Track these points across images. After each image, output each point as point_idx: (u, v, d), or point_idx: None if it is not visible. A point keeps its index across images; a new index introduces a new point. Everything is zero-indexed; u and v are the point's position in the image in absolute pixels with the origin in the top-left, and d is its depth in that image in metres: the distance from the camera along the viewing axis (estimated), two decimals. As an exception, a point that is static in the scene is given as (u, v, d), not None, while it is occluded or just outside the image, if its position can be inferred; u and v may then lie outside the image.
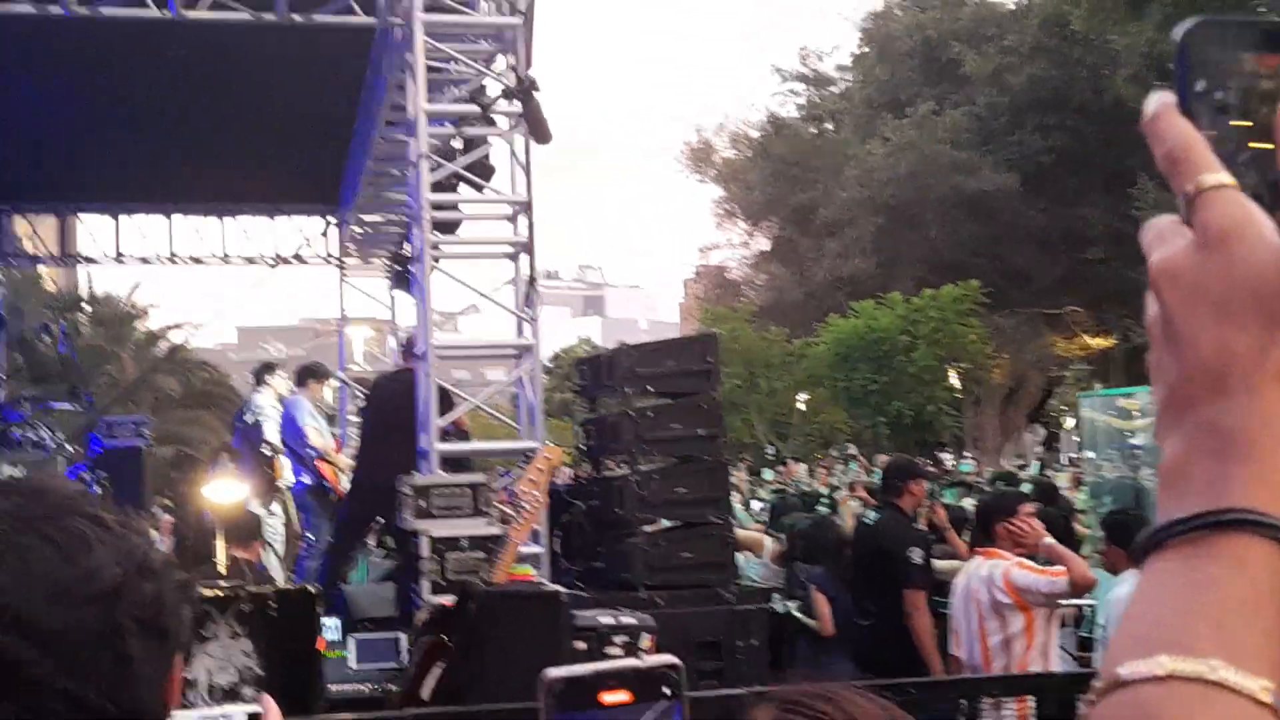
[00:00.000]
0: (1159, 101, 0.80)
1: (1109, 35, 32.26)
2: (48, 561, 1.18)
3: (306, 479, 11.34)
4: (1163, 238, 0.79)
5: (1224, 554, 0.73)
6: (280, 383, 12.23)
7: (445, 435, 8.89)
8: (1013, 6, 42.24)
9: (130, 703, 1.20)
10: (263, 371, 12.44)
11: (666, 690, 1.21)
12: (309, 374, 11.82)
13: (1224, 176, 0.76)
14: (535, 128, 7.10)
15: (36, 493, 1.25)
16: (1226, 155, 0.77)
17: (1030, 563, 6.35)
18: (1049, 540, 6.51)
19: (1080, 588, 6.28)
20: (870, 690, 1.42)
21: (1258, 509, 0.73)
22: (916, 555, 7.76)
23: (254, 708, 1.61)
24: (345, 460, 11.38)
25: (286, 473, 11.65)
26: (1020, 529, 6.42)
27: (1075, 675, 6.26)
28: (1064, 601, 6.67)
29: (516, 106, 9.07)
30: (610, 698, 1.18)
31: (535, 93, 6.83)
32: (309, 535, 11.32)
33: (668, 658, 1.24)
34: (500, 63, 9.41)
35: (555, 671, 1.18)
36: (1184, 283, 0.76)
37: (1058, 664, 6.76)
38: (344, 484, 11.08)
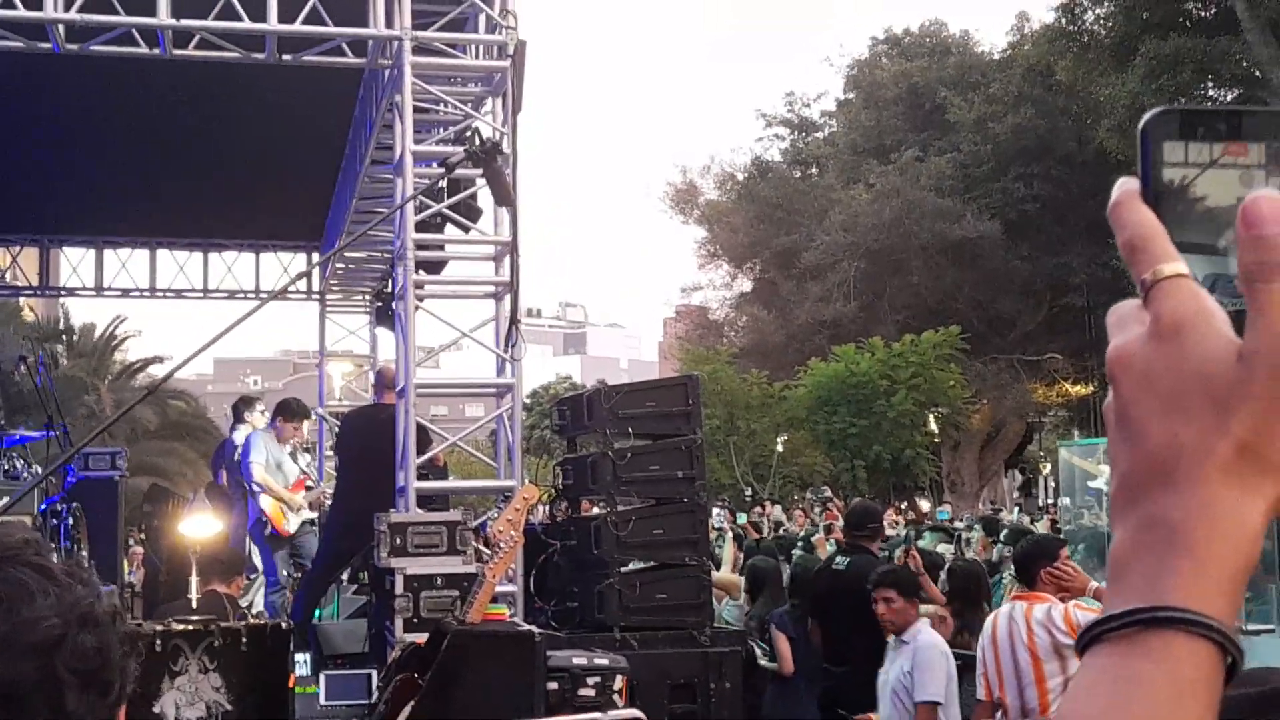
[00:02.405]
0: (1122, 189, 0.81)
1: (1093, 86, 32.61)
2: None
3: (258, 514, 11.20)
4: (1123, 324, 0.79)
5: (1154, 651, 0.73)
6: (259, 418, 12.16)
7: (423, 473, 8.88)
8: (998, 56, 42.66)
9: None
10: (240, 407, 12.38)
11: None
12: (279, 411, 11.59)
13: (1180, 266, 0.76)
14: (497, 191, 7.15)
15: None
16: (1189, 244, 0.77)
17: (1085, 603, 6.36)
18: (1096, 584, 6.55)
19: None
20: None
21: (1191, 607, 0.73)
22: None
23: None
24: (298, 499, 11.14)
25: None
26: (1065, 573, 6.46)
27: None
28: None
29: (504, 149, 9.13)
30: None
31: (500, 155, 6.86)
32: (268, 574, 11.13)
33: (633, 712, 1.24)
34: (489, 104, 9.48)
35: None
36: (1136, 372, 0.77)
37: None
38: (290, 523, 10.88)
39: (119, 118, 11.79)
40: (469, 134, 8.86)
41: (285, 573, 11.04)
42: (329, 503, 11.09)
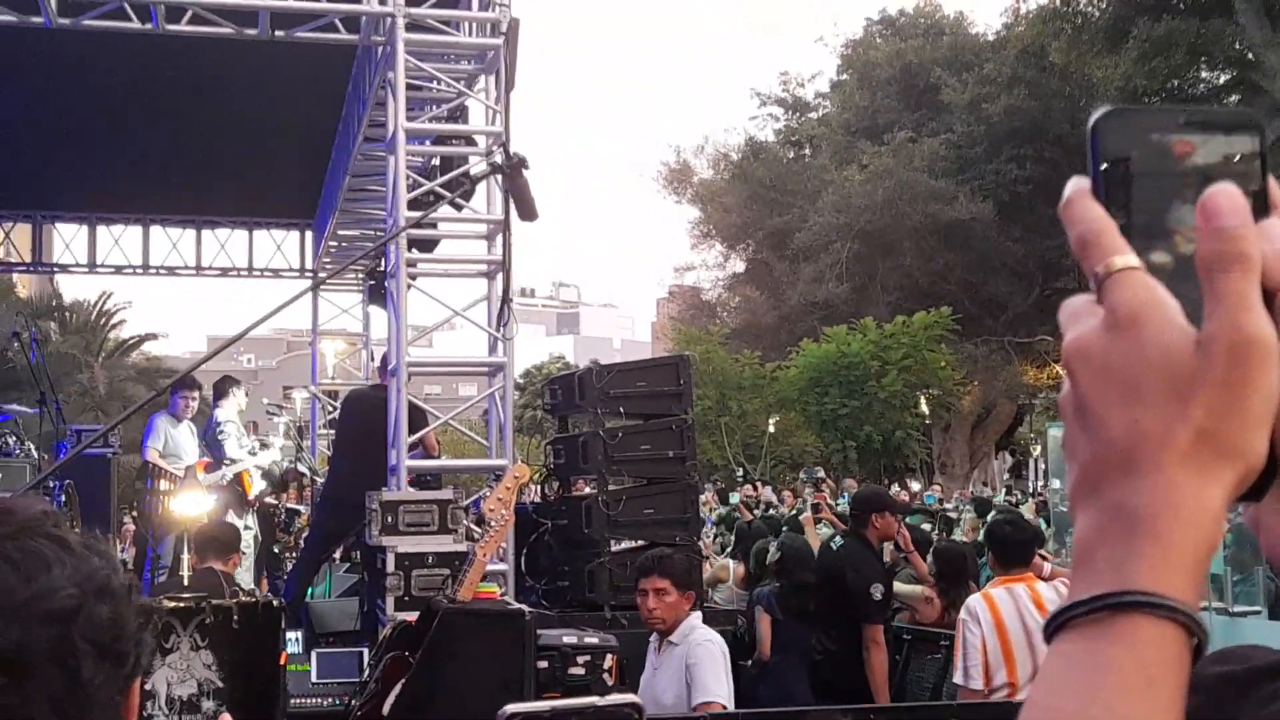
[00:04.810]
0: (1073, 186, 0.83)
1: (1086, 68, 32.59)
2: (4, 580, 1.19)
3: None
4: (1077, 317, 0.81)
5: (1123, 636, 0.74)
6: (242, 397, 12.17)
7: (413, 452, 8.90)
8: (992, 37, 42.60)
9: None
10: (224, 384, 12.33)
11: None
12: (175, 386, 11.65)
13: (1132, 259, 0.78)
14: (521, 206, 7.14)
15: (2, 513, 1.25)
16: (1140, 238, 0.79)
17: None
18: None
19: None
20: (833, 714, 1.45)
21: (1158, 591, 0.74)
22: (878, 592, 7.79)
23: None
24: (208, 478, 11.23)
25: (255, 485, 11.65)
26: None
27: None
28: None
29: (496, 126, 9.13)
30: (569, 737, 1.19)
31: (525, 170, 6.84)
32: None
33: (629, 696, 1.25)
34: (482, 82, 9.47)
35: (514, 708, 1.19)
36: (1095, 363, 0.78)
37: None
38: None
39: (112, 94, 11.74)
40: (495, 146, 8.84)
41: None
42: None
